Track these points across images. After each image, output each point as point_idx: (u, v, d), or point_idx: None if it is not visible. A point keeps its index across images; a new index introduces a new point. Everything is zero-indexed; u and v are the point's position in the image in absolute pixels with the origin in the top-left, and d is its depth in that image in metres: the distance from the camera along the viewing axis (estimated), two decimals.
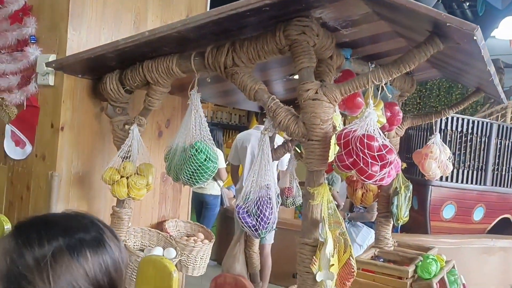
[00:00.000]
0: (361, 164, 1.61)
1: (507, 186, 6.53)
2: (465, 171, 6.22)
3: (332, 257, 1.67)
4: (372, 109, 1.70)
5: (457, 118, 6.08)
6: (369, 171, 1.61)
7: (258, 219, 1.90)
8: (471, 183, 6.24)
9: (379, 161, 1.60)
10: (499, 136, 6.43)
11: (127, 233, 2.45)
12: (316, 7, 1.69)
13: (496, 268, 5.33)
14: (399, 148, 3.15)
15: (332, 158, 1.75)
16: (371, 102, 1.71)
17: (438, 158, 2.95)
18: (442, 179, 5.85)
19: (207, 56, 1.95)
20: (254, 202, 1.92)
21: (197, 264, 2.68)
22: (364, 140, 1.61)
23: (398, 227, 4.38)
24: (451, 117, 5.94)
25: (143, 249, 2.67)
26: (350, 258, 1.71)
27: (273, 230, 2.07)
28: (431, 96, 10.18)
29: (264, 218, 1.91)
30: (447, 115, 3.13)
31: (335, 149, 1.75)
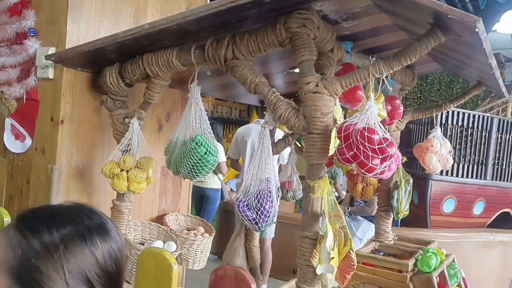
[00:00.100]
0: (362, 157, 1.60)
1: (507, 181, 6.54)
2: (466, 165, 6.23)
3: (332, 250, 1.67)
4: (373, 102, 1.69)
5: (458, 113, 6.07)
6: (370, 164, 1.60)
7: (258, 212, 1.90)
8: (471, 177, 6.25)
9: (380, 154, 1.60)
10: (500, 131, 6.43)
11: (127, 227, 2.45)
12: (317, 0, 1.68)
13: (496, 262, 5.33)
14: (400, 142, 3.14)
15: (333, 152, 1.75)
16: (372, 95, 1.71)
17: (439, 152, 2.95)
18: (443, 173, 5.85)
19: (207, 49, 1.94)
20: (254, 196, 1.91)
21: (197, 258, 2.69)
22: (365, 133, 1.61)
23: (398, 221, 4.38)
24: (452, 112, 5.93)
25: (143, 243, 2.67)
26: (350, 252, 1.72)
27: (274, 224, 2.07)
28: (432, 91, 10.16)
29: (264, 212, 1.90)
30: (448, 109, 3.13)
31: (336, 142, 1.75)
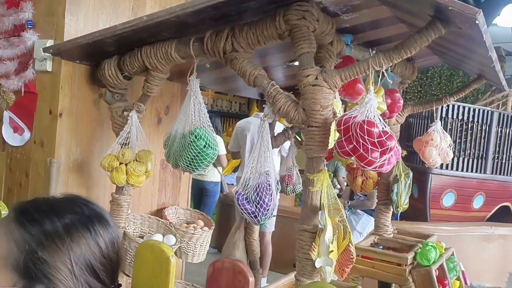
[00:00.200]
0: (361, 151, 1.60)
1: (507, 174, 6.54)
2: (466, 159, 6.22)
3: (331, 244, 1.67)
4: (373, 95, 1.68)
5: (458, 106, 6.06)
6: (369, 158, 1.60)
7: (258, 206, 1.90)
8: (471, 171, 6.25)
9: (379, 148, 1.59)
10: (500, 125, 6.42)
11: (127, 220, 2.45)
12: None
13: (495, 256, 5.35)
14: (400, 136, 3.13)
15: (332, 145, 1.74)
16: (372, 88, 1.70)
17: (439, 146, 2.94)
18: (442, 167, 5.86)
19: (206, 42, 1.93)
20: (254, 189, 1.91)
21: (197, 251, 2.69)
22: (364, 126, 1.60)
23: (398, 215, 4.38)
24: (452, 105, 5.92)
25: (143, 236, 2.67)
26: (349, 245, 1.71)
27: (273, 217, 2.07)
28: (432, 84, 10.11)
29: (264, 205, 1.90)
30: (448, 103, 3.12)
31: (335, 136, 1.74)
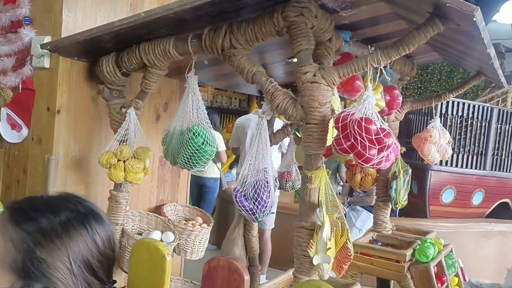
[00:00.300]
0: (359, 148, 1.59)
1: (507, 171, 6.54)
2: (465, 156, 6.22)
3: (329, 241, 1.67)
4: (371, 92, 1.67)
5: (458, 103, 6.05)
6: (367, 155, 1.59)
7: (256, 203, 1.90)
8: (471, 168, 6.25)
9: (377, 145, 1.59)
10: (499, 121, 6.42)
11: (125, 217, 2.44)
12: None
13: (494, 252, 5.35)
14: (399, 133, 3.13)
15: (330, 142, 1.74)
16: (370, 86, 1.69)
17: (438, 142, 2.94)
18: (442, 164, 5.85)
19: (204, 38, 1.92)
20: (252, 186, 1.91)
21: (196, 248, 2.69)
22: (362, 124, 1.59)
23: (397, 211, 4.38)
24: (452, 102, 5.92)
25: (141, 233, 2.67)
26: (347, 242, 1.71)
27: (272, 214, 2.07)
28: (432, 81, 10.09)
29: (262, 202, 1.90)
30: (447, 99, 3.11)
31: (334, 133, 1.74)
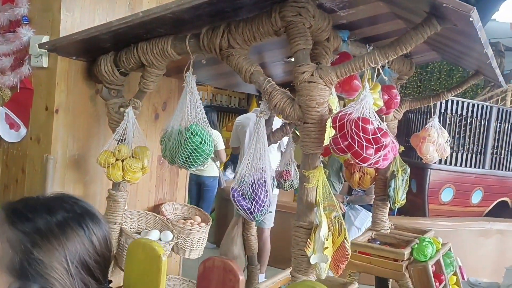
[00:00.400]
0: (356, 147, 1.60)
1: (506, 169, 6.55)
2: (464, 155, 6.22)
3: (327, 240, 1.67)
4: (368, 92, 1.68)
5: (457, 102, 6.05)
6: (364, 154, 1.60)
7: (253, 202, 1.90)
8: (470, 167, 6.25)
9: (374, 144, 1.59)
10: (499, 120, 6.43)
11: (124, 216, 2.45)
12: None
13: (493, 251, 5.36)
14: (399, 131, 3.13)
15: (328, 141, 1.74)
16: (367, 85, 1.69)
17: (436, 141, 2.94)
18: (441, 162, 5.86)
19: (202, 38, 1.92)
20: (249, 185, 1.91)
21: (194, 247, 2.69)
22: (359, 123, 1.60)
23: (395, 210, 4.39)
24: (451, 101, 5.92)
25: (140, 232, 2.68)
26: (345, 241, 1.72)
27: (270, 213, 2.07)
28: (432, 79, 10.10)
29: (259, 201, 1.90)
30: (446, 98, 3.12)
31: (331, 132, 1.74)
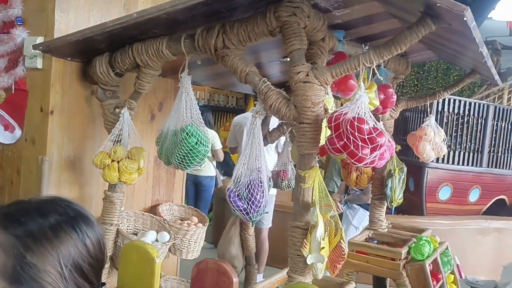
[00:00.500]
0: (352, 147, 1.60)
1: (503, 167, 6.56)
2: (462, 153, 6.23)
3: (323, 240, 1.67)
4: (363, 92, 1.68)
5: (454, 100, 6.06)
6: (360, 154, 1.60)
7: (249, 203, 1.89)
8: (467, 165, 6.26)
9: (369, 144, 1.59)
10: (496, 118, 6.44)
11: (120, 217, 2.44)
12: None
13: (491, 249, 5.37)
14: (396, 130, 3.13)
15: (324, 141, 1.74)
16: (362, 85, 1.69)
17: (433, 140, 2.94)
18: (438, 161, 5.86)
19: (197, 38, 1.92)
20: (245, 186, 1.90)
21: (191, 248, 2.69)
22: (355, 123, 1.60)
23: (392, 209, 4.39)
24: (448, 99, 5.92)
25: (137, 233, 2.67)
26: (341, 241, 1.72)
27: (266, 214, 2.06)
28: (429, 78, 10.11)
29: (255, 202, 1.89)
30: (442, 97, 3.12)
31: (327, 132, 1.74)
